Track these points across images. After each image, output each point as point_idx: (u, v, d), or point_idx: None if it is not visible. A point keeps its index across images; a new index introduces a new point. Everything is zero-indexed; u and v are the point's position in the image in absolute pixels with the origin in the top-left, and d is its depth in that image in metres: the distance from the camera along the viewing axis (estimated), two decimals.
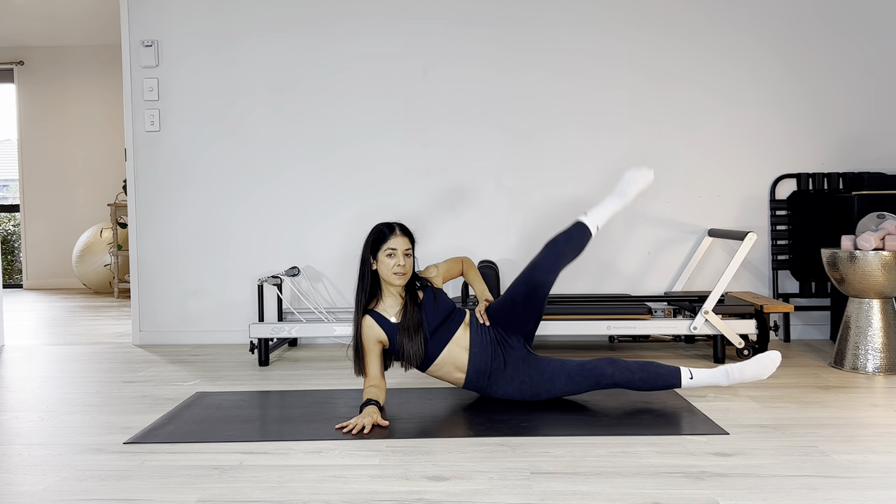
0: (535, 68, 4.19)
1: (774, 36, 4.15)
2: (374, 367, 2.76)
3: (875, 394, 2.95)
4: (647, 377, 2.73)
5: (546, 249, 2.82)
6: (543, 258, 2.80)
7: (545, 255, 2.80)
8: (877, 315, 3.32)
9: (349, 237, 4.26)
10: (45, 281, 7.86)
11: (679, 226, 4.20)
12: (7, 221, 8.76)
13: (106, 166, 7.78)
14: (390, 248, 2.71)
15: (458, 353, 2.77)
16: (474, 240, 4.23)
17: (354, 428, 2.50)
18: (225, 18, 4.26)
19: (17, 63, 7.74)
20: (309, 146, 4.26)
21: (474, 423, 2.60)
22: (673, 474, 2.08)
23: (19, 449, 2.40)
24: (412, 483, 2.04)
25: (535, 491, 1.97)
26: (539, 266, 2.79)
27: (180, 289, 4.32)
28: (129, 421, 2.70)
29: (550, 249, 2.82)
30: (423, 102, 4.23)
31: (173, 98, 4.28)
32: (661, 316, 3.73)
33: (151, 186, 4.32)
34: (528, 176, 4.21)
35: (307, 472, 2.14)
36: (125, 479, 2.10)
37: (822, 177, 4.13)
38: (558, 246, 2.82)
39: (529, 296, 2.79)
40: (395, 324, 2.75)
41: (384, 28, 4.22)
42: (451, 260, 2.96)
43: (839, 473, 2.07)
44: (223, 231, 4.30)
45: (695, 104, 4.18)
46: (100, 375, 3.50)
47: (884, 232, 3.30)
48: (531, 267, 2.80)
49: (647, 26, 4.17)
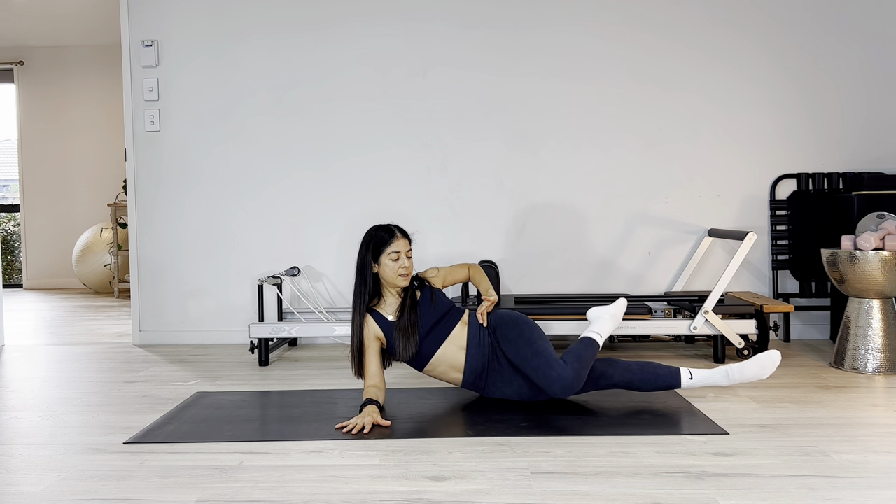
0: (535, 70, 4.19)
1: (774, 37, 4.15)
2: (373, 364, 2.76)
3: (875, 394, 2.95)
4: (646, 377, 2.73)
5: (572, 359, 2.70)
6: (557, 363, 2.68)
7: (562, 364, 2.68)
8: (877, 315, 3.32)
9: (349, 237, 4.26)
10: (45, 281, 7.86)
11: (679, 226, 4.20)
12: (7, 221, 8.76)
13: (106, 166, 7.78)
14: (394, 251, 2.72)
15: (454, 353, 2.77)
16: (474, 240, 4.23)
17: (354, 428, 2.50)
18: (225, 19, 4.26)
19: (17, 63, 7.74)
20: (309, 147, 4.26)
21: (474, 423, 2.60)
22: (673, 474, 2.08)
23: (19, 449, 2.40)
24: (412, 483, 2.04)
25: (535, 491, 1.97)
26: (552, 363, 2.66)
27: (180, 289, 4.32)
28: (129, 421, 2.70)
29: (573, 364, 2.69)
30: (423, 104, 4.23)
31: (173, 98, 4.28)
32: (661, 316, 3.73)
33: (151, 186, 4.32)
34: (528, 177, 4.21)
35: (307, 472, 2.14)
36: (125, 479, 2.10)
37: (822, 177, 4.13)
38: (575, 364, 2.69)
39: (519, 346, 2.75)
40: (391, 321, 2.75)
41: (384, 30, 4.22)
42: (458, 265, 2.94)
43: (839, 473, 2.07)
44: (223, 231, 4.30)
45: (694, 105, 4.18)
46: (100, 375, 3.50)
47: (884, 232, 3.30)
48: (547, 358, 2.68)
49: (646, 28, 4.17)
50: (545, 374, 2.64)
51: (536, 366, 2.66)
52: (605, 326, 2.92)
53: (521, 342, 2.72)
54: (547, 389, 2.65)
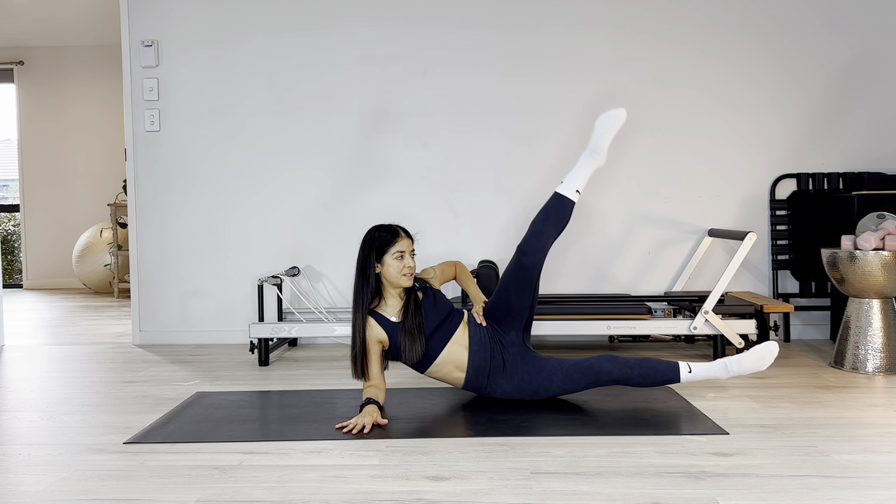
0: (535, 70, 4.19)
1: (775, 36, 4.15)
2: (374, 366, 2.76)
3: (875, 394, 2.95)
4: (645, 372, 2.73)
5: (529, 231, 2.81)
6: (528, 240, 2.78)
7: (529, 237, 2.79)
8: (877, 315, 3.32)
9: (349, 237, 4.26)
10: (45, 281, 7.86)
11: (679, 226, 4.20)
12: (7, 221, 8.76)
13: (106, 166, 7.78)
14: (398, 250, 2.71)
15: (458, 352, 2.77)
16: (474, 240, 4.23)
17: (354, 428, 2.50)
18: (225, 19, 4.26)
19: (17, 63, 7.74)
20: (309, 146, 4.26)
21: (474, 423, 2.60)
22: (673, 474, 2.08)
23: (19, 449, 2.40)
24: (412, 483, 2.04)
25: (535, 491, 1.97)
26: (525, 249, 2.78)
27: (180, 289, 4.32)
28: (129, 421, 2.70)
29: (532, 230, 2.80)
30: (422, 103, 4.23)
31: (173, 98, 4.28)
32: (661, 316, 3.73)
33: (151, 186, 4.32)
34: (528, 176, 4.21)
35: (307, 472, 2.14)
36: (125, 479, 2.10)
37: (822, 177, 4.13)
38: (538, 225, 2.80)
39: (521, 281, 2.78)
40: (395, 323, 2.75)
41: (384, 30, 4.22)
42: (445, 263, 2.98)
43: (839, 473, 2.07)
44: (223, 231, 4.30)
45: (694, 105, 4.18)
46: (100, 375, 3.50)
47: (884, 232, 3.30)
48: (518, 252, 2.79)
49: (646, 28, 4.17)
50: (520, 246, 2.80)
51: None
52: (587, 164, 2.91)
53: (506, 274, 2.83)
54: (518, 259, 2.78)
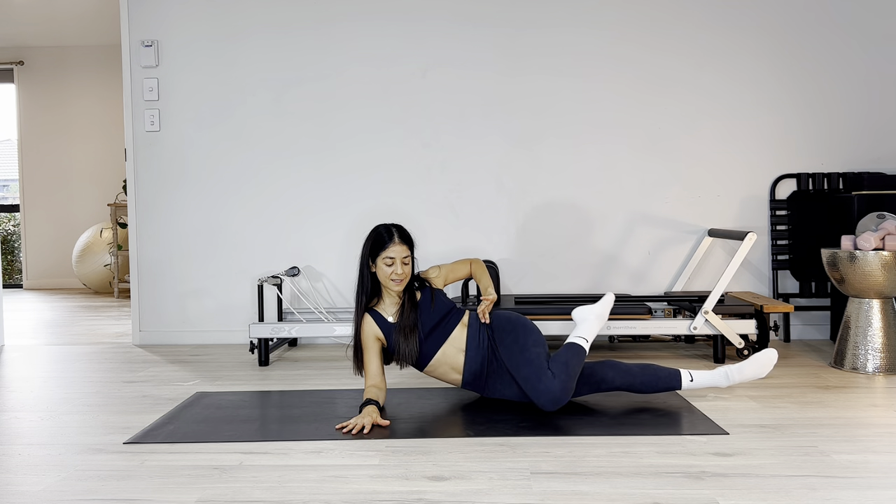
0: (535, 69, 4.19)
1: (775, 36, 4.15)
2: (374, 364, 2.76)
3: (875, 394, 2.95)
4: (647, 380, 2.73)
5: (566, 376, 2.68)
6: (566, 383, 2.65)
7: (568, 381, 2.65)
8: (877, 315, 3.31)
9: (349, 237, 4.26)
10: (45, 281, 7.86)
11: (679, 226, 4.20)
12: (7, 221, 8.76)
13: (106, 166, 7.78)
14: (388, 256, 2.67)
15: (453, 354, 2.76)
16: (474, 240, 4.23)
17: (354, 428, 2.50)
18: (225, 19, 4.26)
19: (17, 63, 7.74)
20: (309, 147, 4.26)
21: (474, 423, 2.60)
22: (673, 474, 2.08)
23: (19, 449, 2.40)
24: (412, 483, 2.04)
25: (535, 491, 1.97)
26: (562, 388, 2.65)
27: (180, 289, 4.32)
28: (129, 421, 2.70)
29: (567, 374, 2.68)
30: (423, 103, 4.22)
31: (173, 98, 4.28)
32: (661, 316, 3.73)
33: (151, 186, 4.32)
34: (528, 176, 4.21)
35: (307, 472, 2.14)
36: (125, 479, 2.10)
37: (822, 177, 4.13)
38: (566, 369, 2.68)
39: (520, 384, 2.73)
40: (392, 323, 2.75)
41: (384, 30, 4.22)
42: (459, 261, 2.91)
43: (839, 473, 2.07)
44: (223, 231, 4.30)
45: (694, 105, 4.18)
46: (100, 375, 3.50)
47: (884, 232, 3.29)
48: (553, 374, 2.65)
49: (646, 28, 4.17)
50: (534, 385, 2.63)
51: (526, 376, 2.65)
52: (591, 328, 2.85)
53: (515, 348, 2.71)
54: (535, 401, 2.64)
